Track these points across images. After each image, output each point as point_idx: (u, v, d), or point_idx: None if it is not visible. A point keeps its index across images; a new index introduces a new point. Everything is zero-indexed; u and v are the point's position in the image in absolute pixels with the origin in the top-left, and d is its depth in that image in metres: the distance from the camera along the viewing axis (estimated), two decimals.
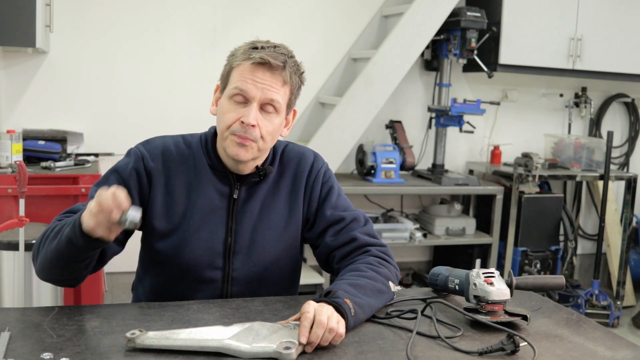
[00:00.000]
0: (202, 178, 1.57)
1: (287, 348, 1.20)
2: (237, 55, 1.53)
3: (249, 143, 1.50)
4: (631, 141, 4.98)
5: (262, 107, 1.51)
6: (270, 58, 1.49)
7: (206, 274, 1.56)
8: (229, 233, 1.58)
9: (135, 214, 1.29)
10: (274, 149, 1.64)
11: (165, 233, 1.55)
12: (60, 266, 1.43)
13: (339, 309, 1.32)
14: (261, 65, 1.49)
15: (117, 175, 1.55)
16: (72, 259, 1.41)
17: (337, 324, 1.28)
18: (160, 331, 1.25)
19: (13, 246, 2.47)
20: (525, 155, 4.29)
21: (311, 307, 1.28)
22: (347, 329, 1.33)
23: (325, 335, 1.25)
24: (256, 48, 1.51)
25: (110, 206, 1.27)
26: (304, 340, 1.23)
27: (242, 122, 1.49)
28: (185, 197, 1.56)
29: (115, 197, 1.28)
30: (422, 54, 4.18)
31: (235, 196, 1.58)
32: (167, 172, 1.56)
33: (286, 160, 1.66)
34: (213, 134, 1.61)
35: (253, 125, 1.49)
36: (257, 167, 1.59)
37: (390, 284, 1.53)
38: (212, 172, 1.58)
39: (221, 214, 1.57)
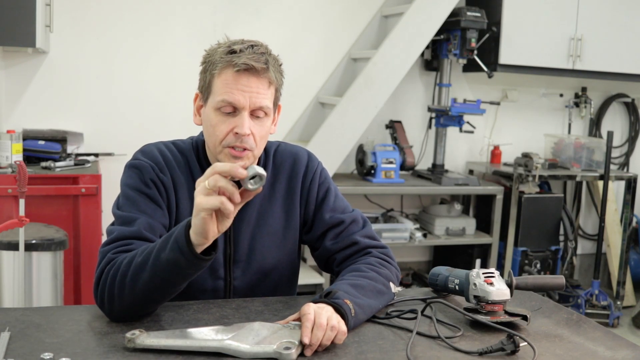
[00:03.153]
0: None
1: (287, 348, 1.20)
2: (216, 63, 1.45)
3: (245, 154, 1.45)
4: (631, 141, 4.98)
5: (252, 113, 1.45)
6: (253, 62, 1.41)
7: (208, 283, 1.55)
8: (228, 242, 1.55)
9: (253, 170, 1.21)
10: (266, 150, 1.61)
11: None
12: (158, 299, 1.34)
13: (339, 310, 1.32)
14: (245, 71, 1.42)
15: (139, 193, 1.46)
16: (175, 285, 1.32)
17: (338, 323, 1.27)
18: (161, 331, 1.25)
19: (13, 246, 2.47)
20: (525, 155, 4.30)
21: (311, 308, 1.27)
22: (348, 330, 1.32)
23: (327, 334, 1.24)
24: (234, 52, 1.43)
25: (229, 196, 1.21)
26: (307, 341, 1.22)
27: (237, 133, 1.43)
28: (189, 207, 1.51)
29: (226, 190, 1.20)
30: (422, 54, 4.18)
31: None
32: (173, 182, 1.51)
33: (279, 162, 1.62)
34: (203, 140, 1.56)
35: (248, 135, 1.44)
36: None
37: (391, 284, 1.52)
38: None
39: None
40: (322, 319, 1.24)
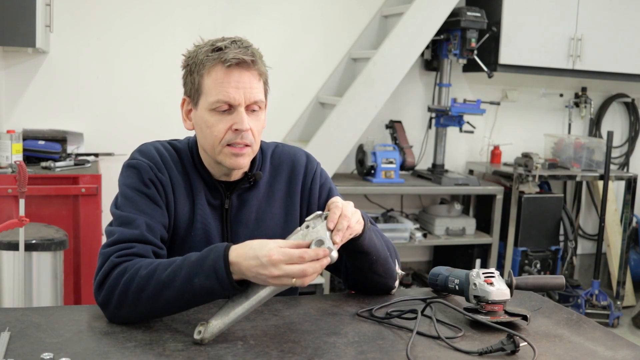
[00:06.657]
0: (196, 188, 1.52)
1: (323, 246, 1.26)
2: (202, 62, 1.44)
3: (246, 150, 1.46)
4: (631, 141, 4.98)
5: (248, 108, 1.45)
6: (242, 55, 1.41)
7: None
8: None
9: (334, 255, 1.26)
10: (263, 151, 1.60)
11: (173, 245, 1.51)
12: (174, 313, 1.35)
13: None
14: (236, 66, 1.42)
15: (138, 193, 1.45)
16: (199, 305, 1.34)
17: (357, 223, 1.35)
18: (215, 314, 1.27)
19: (13, 246, 2.47)
20: (525, 155, 4.30)
21: (339, 199, 1.34)
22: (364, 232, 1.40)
23: (353, 226, 1.33)
24: (220, 49, 1.42)
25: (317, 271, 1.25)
26: (331, 226, 1.27)
27: (237, 130, 1.43)
28: (186, 208, 1.51)
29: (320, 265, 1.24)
30: (422, 54, 4.18)
31: (226, 206, 1.54)
32: (171, 181, 1.50)
33: (278, 163, 1.61)
34: (196, 142, 1.55)
35: (248, 130, 1.44)
36: (245, 173, 1.55)
37: (396, 262, 1.57)
38: (202, 182, 1.53)
39: (216, 225, 1.53)
40: (348, 211, 1.31)
